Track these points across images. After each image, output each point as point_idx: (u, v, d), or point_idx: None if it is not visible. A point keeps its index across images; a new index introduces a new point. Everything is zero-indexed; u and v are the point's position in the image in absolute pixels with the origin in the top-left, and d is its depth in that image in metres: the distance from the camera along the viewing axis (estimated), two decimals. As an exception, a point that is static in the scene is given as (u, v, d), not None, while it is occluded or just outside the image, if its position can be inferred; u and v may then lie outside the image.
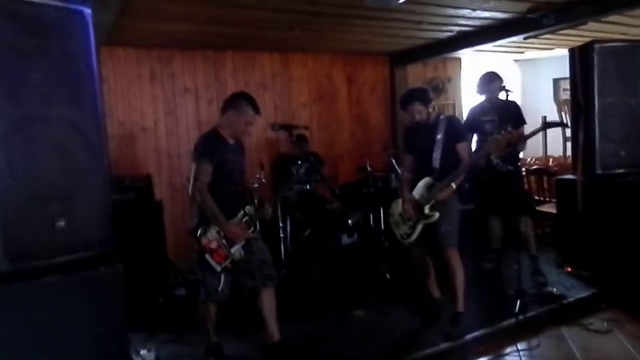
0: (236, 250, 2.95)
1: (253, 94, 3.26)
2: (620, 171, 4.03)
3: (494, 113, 4.10)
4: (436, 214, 3.32)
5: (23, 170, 1.98)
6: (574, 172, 4.29)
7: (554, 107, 6.54)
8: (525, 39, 4.70)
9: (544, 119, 5.10)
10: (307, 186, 4.58)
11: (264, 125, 5.32)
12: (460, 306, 3.41)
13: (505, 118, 3.85)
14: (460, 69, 6.77)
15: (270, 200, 3.27)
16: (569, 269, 4.38)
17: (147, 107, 4.91)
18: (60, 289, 2.07)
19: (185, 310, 3.82)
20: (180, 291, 4.24)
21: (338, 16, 4.01)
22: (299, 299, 4.00)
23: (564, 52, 4.41)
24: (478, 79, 4.30)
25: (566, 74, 4.30)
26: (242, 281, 3.06)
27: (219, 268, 2.91)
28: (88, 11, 2.15)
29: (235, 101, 3.03)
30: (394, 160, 4.81)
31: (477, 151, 3.85)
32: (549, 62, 7.15)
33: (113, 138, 4.70)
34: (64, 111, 2.09)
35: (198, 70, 5.11)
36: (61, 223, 2.06)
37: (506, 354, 3.22)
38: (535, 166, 5.67)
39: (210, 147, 2.96)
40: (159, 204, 4.26)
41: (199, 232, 2.90)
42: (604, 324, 3.50)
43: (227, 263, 2.93)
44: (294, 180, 3.40)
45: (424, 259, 3.63)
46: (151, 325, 3.64)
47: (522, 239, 4.16)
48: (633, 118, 4.05)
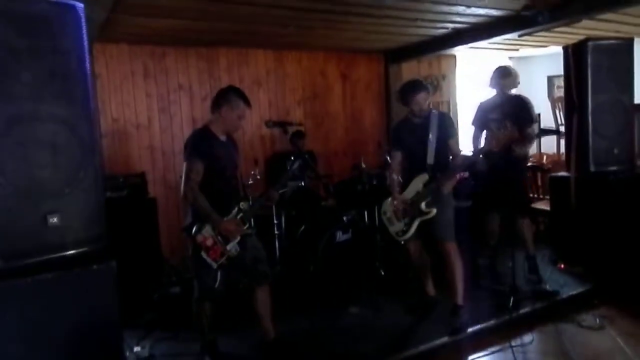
0: (232, 246, 2.92)
1: (247, 90, 3.24)
2: (614, 168, 4.05)
3: (500, 109, 4.01)
4: (433, 211, 3.32)
5: (14, 168, 1.97)
6: (567, 169, 4.30)
7: (548, 105, 6.56)
8: (519, 36, 4.70)
9: (538, 116, 5.10)
10: (302, 183, 4.57)
11: (258, 122, 5.32)
12: (459, 299, 3.43)
13: (509, 115, 3.80)
14: (455, 66, 6.77)
15: (273, 188, 3.24)
16: (562, 266, 4.41)
17: (141, 104, 4.88)
18: (54, 286, 2.06)
19: (179, 308, 3.80)
20: (175, 288, 4.23)
21: (332, 13, 3.99)
22: (293, 296, 4.01)
23: (558, 50, 4.42)
24: (492, 71, 4.15)
25: (560, 71, 4.30)
26: (236, 278, 3.04)
27: (215, 265, 2.89)
28: (80, 5, 2.12)
29: (226, 96, 2.99)
30: (389, 158, 4.80)
31: (479, 149, 3.73)
32: (543, 60, 7.17)
33: (106, 135, 4.68)
34: (56, 108, 2.07)
35: (192, 66, 5.09)
36: (54, 220, 2.05)
37: (500, 350, 3.24)
38: (529, 163, 5.69)
39: (201, 145, 2.92)
40: (153, 201, 4.24)
41: (194, 230, 2.88)
42: (597, 320, 3.53)
43: (224, 260, 2.91)
44: (289, 176, 3.38)
45: (421, 256, 3.64)
46: (145, 322, 3.63)
47: (521, 238, 4.15)
48: (626, 115, 4.07)
